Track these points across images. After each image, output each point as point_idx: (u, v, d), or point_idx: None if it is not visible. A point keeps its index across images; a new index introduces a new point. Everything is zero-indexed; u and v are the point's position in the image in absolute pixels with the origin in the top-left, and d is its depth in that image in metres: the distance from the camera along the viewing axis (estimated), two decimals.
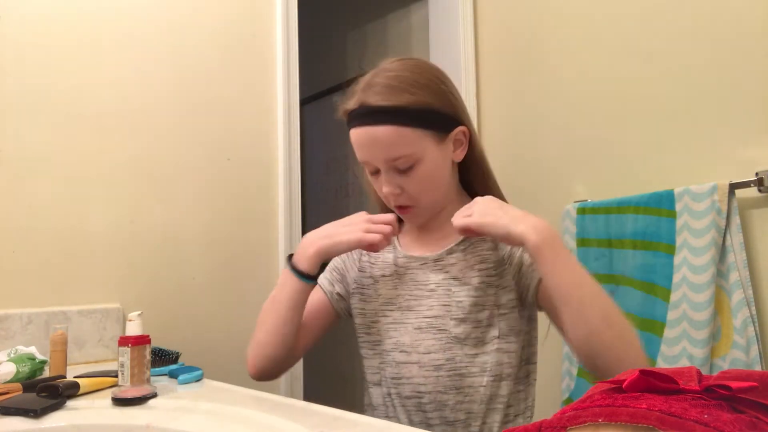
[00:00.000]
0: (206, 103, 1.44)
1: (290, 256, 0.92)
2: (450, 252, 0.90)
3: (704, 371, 0.88)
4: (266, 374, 0.93)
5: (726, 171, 1.33)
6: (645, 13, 1.51)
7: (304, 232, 1.79)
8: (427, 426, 0.86)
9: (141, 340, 0.80)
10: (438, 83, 0.87)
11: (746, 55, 1.33)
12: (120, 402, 0.76)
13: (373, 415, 0.87)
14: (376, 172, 0.89)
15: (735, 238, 1.27)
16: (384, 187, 0.87)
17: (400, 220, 0.96)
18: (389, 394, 0.90)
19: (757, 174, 1.26)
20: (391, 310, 0.91)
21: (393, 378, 0.89)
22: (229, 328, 1.41)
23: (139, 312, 0.82)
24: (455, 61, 1.88)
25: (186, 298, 1.36)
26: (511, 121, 1.83)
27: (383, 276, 0.95)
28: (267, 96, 1.55)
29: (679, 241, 1.33)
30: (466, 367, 0.84)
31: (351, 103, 0.86)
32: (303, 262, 0.89)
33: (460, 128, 0.88)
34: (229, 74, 1.49)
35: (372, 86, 0.84)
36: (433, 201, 0.90)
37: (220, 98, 1.47)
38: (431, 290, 0.88)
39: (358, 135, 0.85)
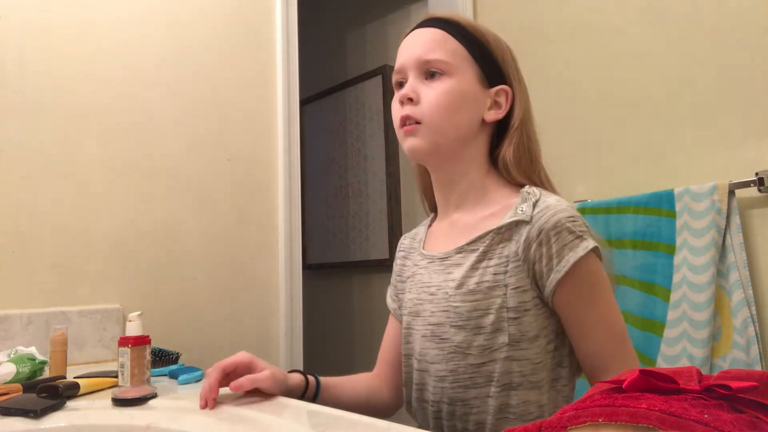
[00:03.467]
0: (206, 103, 1.44)
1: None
2: (459, 251, 0.81)
3: (704, 371, 0.87)
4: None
5: (726, 171, 1.33)
6: (645, 13, 1.51)
7: (304, 232, 1.79)
8: None
9: (141, 341, 0.80)
10: (501, 40, 0.87)
11: (746, 55, 1.33)
12: (120, 402, 0.75)
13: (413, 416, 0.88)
14: (401, 86, 0.84)
15: (735, 238, 1.27)
16: (402, 90, 0.82)
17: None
18: (413, 398, 0.87)
19: (757, 174, 1.26)
20: (406, 315, 0.87)
21: (414, 383, 0.86)
22: (229, 328, 1.41)
23: (139, 312, 0.82)
24: None
25: (186, 298, 1.36)
26: None
27: (408, 277, 0.90)
28: (267, 96, 1.55)
29: (679, 241, 1.33)
30: (471, 378, 0.77)
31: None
32: None
33: (503, 87, 0.84)
34: (230, 74, 1.49)
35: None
36: (443, 127, 0.80)
37: (220, 98, 1.47)
38: (432, 294, 0.82)
39: (406, 38, 0.85)
